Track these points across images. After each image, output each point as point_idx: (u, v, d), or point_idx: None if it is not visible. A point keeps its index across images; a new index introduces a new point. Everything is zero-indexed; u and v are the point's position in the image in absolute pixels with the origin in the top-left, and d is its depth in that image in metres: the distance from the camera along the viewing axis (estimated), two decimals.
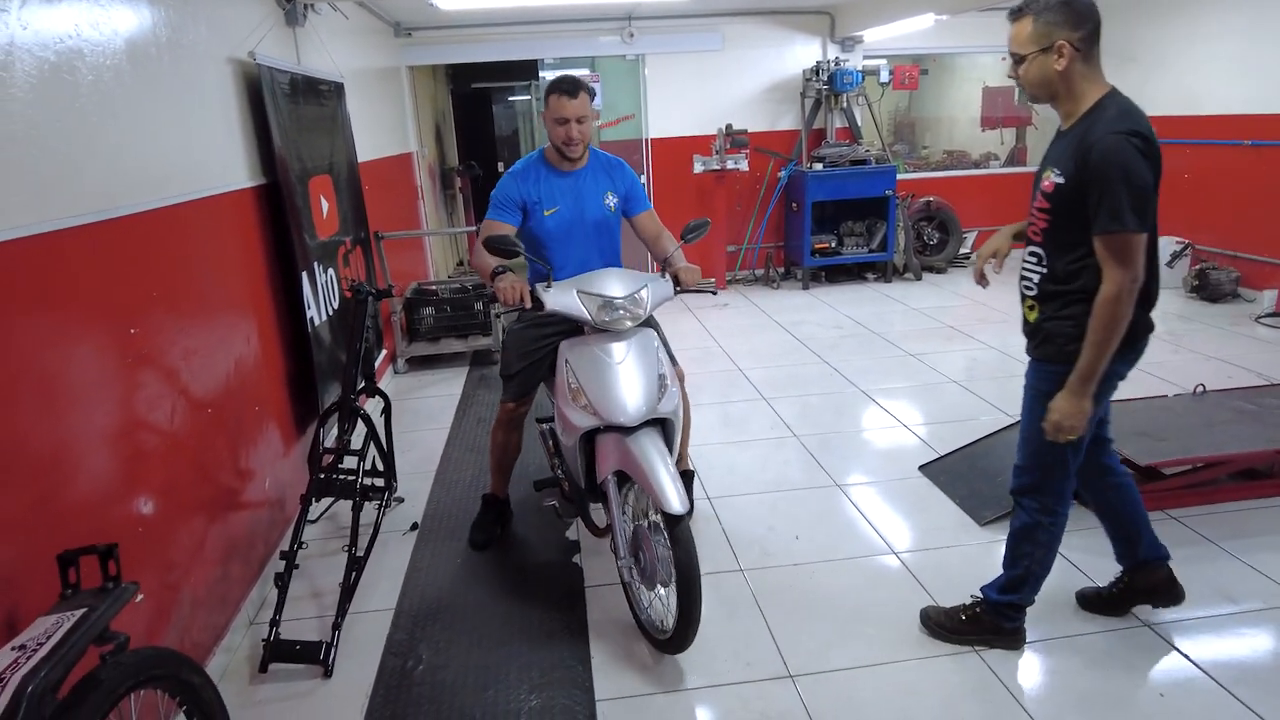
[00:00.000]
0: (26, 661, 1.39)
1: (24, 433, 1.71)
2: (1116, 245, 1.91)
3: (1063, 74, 1.99)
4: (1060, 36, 1.96)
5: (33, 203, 1.79)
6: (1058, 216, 2.03)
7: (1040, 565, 2.36)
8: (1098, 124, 1.95)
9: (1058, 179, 2.01)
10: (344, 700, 2.36)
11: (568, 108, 2.65)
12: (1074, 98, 2.03)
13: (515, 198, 2.77)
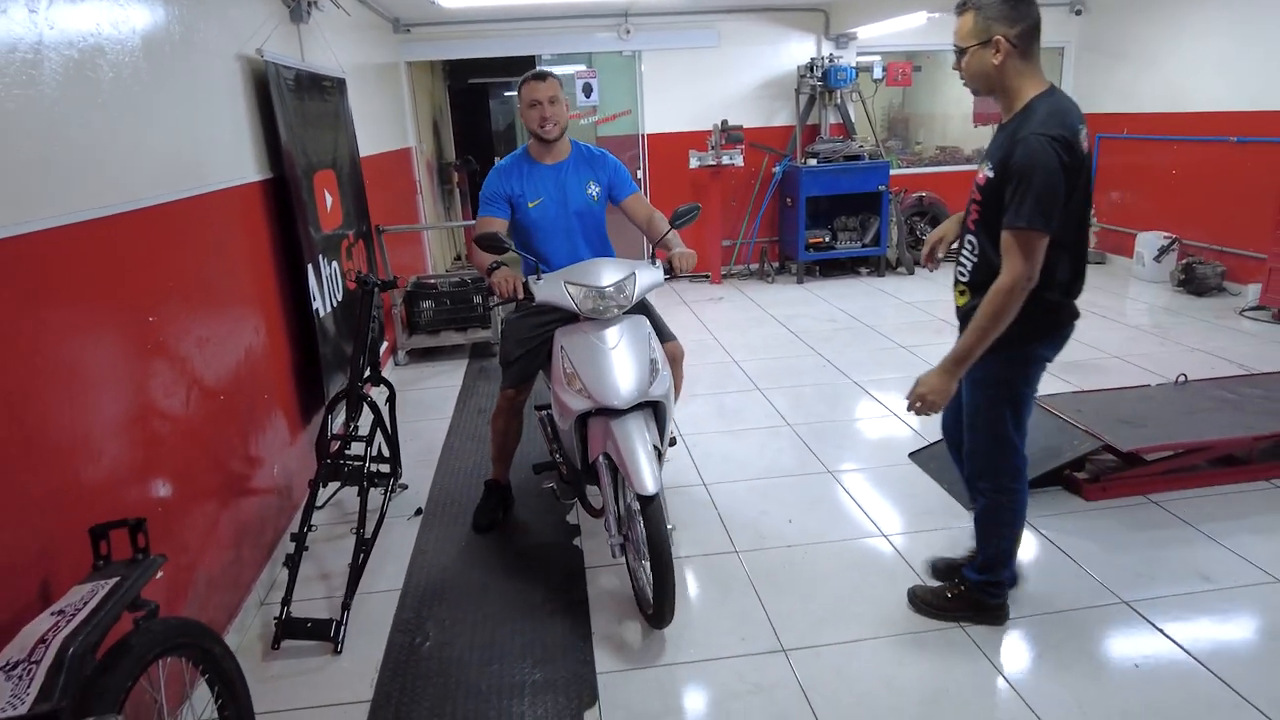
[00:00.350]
0: (66, 625, 1.48)
1: (55, 415, 1.79)
2: (1020, 241, 2.00)
3: (999, 68, 2.08)
4: (998, 32, 2.05)
5: (59, 195, 1.87)
6: (987, 209, 2.14)
7: (1009, 541, 2.48)
8: (1026, 123, 2.03)
9: (989, 173, 2.12)
10: (354, 675, 2.45)
11: (538, 90, 2.81)
12: (1010, 93, 2.11)
13: (502, 192, 2.89)
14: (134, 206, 2.18)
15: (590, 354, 2.50)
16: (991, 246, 2.14)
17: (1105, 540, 2.98)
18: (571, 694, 2.32)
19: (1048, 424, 3.57)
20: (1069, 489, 3.35)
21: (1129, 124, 7.10)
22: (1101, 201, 7.60)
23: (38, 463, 1.73)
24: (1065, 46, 7.67)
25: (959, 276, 2.30)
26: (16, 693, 1.37)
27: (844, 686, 2.30)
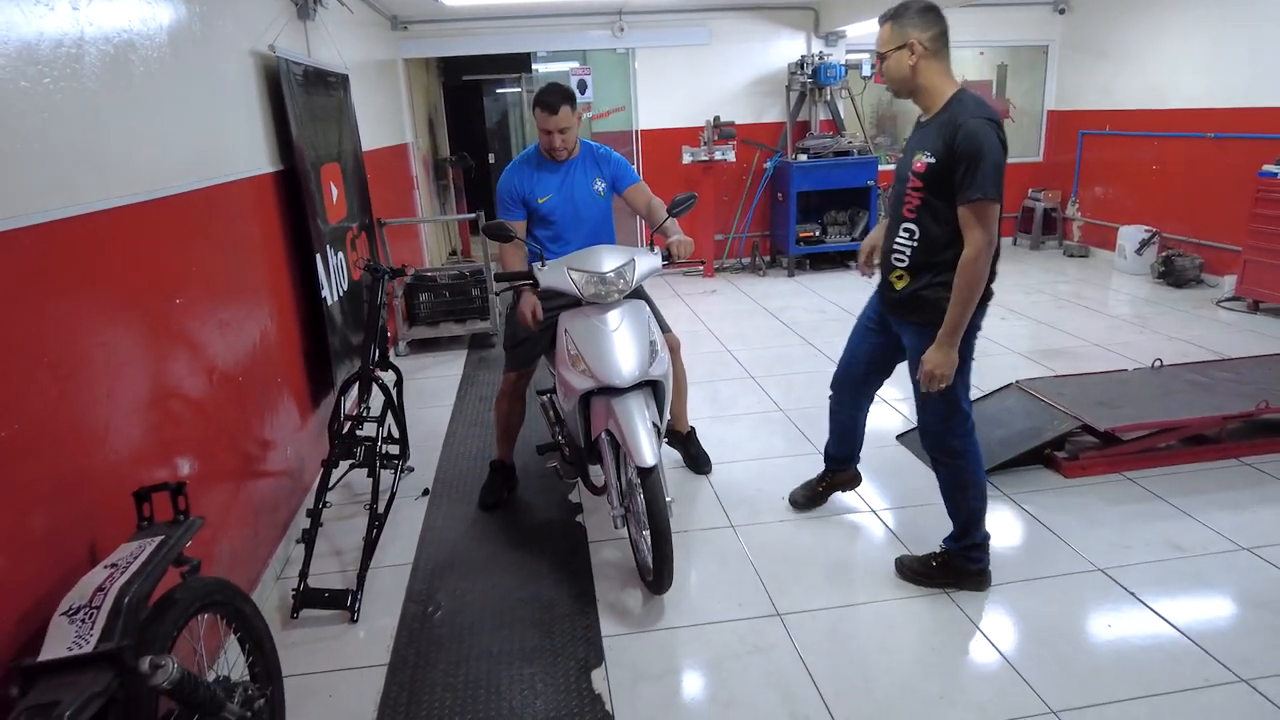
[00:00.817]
0: (121, 575, 1.60)
1: (95, 390, 1.90)
2: (980, 211, 2.23)
3: (915, 69, 2.34)
4: (912, 36, 2.32)
5: (97, 182, 1.98)
6: (931, 192, 2.34)
7: (976, 502, 2.64)
8: (961, 112, 2.27)
9: (929, 159, 2.32)
10: (371, 642, 2.57)
11: (549, 122, 2.93)
12: (929, 92, 2.36)
13: (515, 195, 3.04)
14: (163, 194, 2.30)
15: (593, 336, 2.63)
16: (936, 226, 2.37)
17: (1083, 514, 3.14)
18: (579, 656, 2.45)
19: (1029, 406, 3.73)
20: (1049, 467, 3.51)
21: (1111, 120, 7.28)
22: (1085, 196, 7.79)
23: (82, 433, 1.84)
24: (1049, 45, 7.85)
25: (895, 264, 2.50)
26: (81, 634, 1.49)
27: (837, 647, 2.45)
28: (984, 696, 2.22)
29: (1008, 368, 4.74)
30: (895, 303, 2.56)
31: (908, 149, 2.49)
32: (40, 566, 1.66)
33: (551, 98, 2.91)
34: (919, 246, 2.42)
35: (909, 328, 2.55)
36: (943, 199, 2.32)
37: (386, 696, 2.32)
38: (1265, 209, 5.46)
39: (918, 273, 2.44)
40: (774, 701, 2.24)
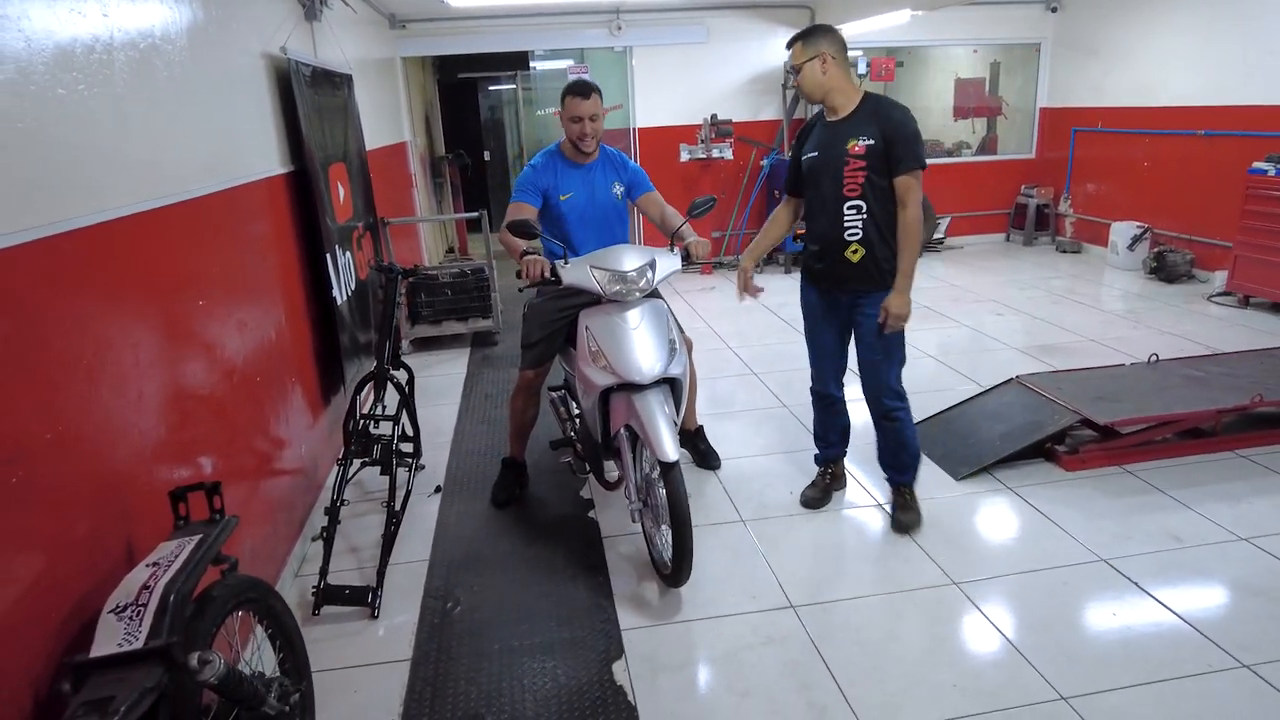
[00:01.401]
0: (164, 573, 1.64)
1: (127, 393, 1.93)
2: (916, 179, 2.76)
3: (827, 76, 2.77)
4: (822, 50, 2.75)
5: (127, 186, 2.01)
6: (874, 170, 2.77)
7: (916, 439, 3.16)
8: (881, 105, 2.79)
9: (867, 142, 2.75)
10: (392, 637, 2.61)
11: (581, 107, 2.97)
12: (841, 93, 2.80)
13: (537, 184, 3.06)
14: (186, 197, 2.32)
15: (614, 333, 2.68)
16: (876, 201, 2.80)
17: (1084, 507, 3.21)
18: (599, 648, 2.50)
19: (1029, 400, 3.80)
20: (1049, 460, 3.58)
21: (1103, 118, 7.38)
22: (1077, 192, 7.88)
23: (116, 434, 1.87)
24: (1041, 43, 7.94)
25: (850, 239, 2.86)
26: (129, 631, 1.53)
27: (850, 637, 2.51)
28: (995, 684, 2.29)
29: (1006, 363, 4.81)
30: (854, 275, 2.90)
31: (823, 143, 2.87)
32: (81, 566, 1.69)
33: (582, 85, 3.00)
34: (868, 219, 2.82)
35: (870, 296, 2.90)
36: (880, 175, 2.76)
37: (411, 691, 2.36)
38: (1255, 206, 5.56)
39: (869, 243, 2.84)
40: (790, 690, 2.29)
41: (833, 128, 2.85)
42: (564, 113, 3.02)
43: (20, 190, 1.58)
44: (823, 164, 2.86)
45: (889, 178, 2.76)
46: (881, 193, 2.78)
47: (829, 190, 2.85)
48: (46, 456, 1.59)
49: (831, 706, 2.23)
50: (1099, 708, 2.18)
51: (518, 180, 3.13)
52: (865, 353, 2.98)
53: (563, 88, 3.04)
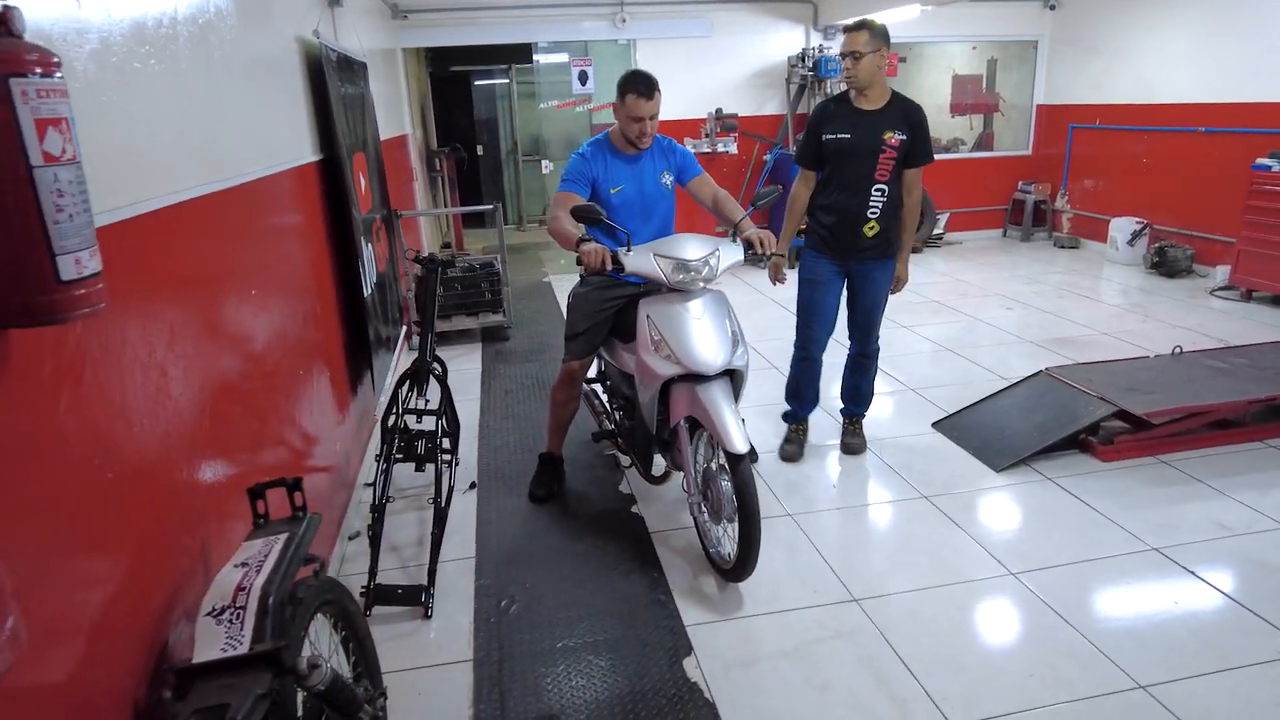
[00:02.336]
0: (257, 575, 1.56)
1: (190, 388, 1.84)
2: (923, 172, 3.30)
3: (880, 71, 3.14)
4: (882, 47, 3.11)
5: (186, 167, 1.91)
6: (899, 162, 3.22)
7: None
8: (907, 104, 3.23)
9: (901, 136, 3.18)
10: (449, 637, 2.54)
11: (644, 108, 2.88)
12: (882, 85, 3.21)
13: (586, 174, 2.97)
14: (240, 180, 2.23)
15: (678, 323, 2.63)
16: (893, 185, 3.25)
17: (1126, 496, 3.22)
18: (665, 645, 2.45)
19: (1060, 392, 3.81)
20: (1084, 451, 3.59)
21: (1101, 114, 7.46)
22: (1074, 189, 7.97)
23: (186, 431, 1.78)
24: (1039, 40, 8.01)
25: (870, 216, 3.29)
26: (232, 635, 1.45)
27: (919, 628, 2.48)
28: (1071, 673, 2.28)
29: (1026, 355, 4.84)
30: (869, 247, 3.34)
31: (854, 127, 3.21)
32: (162, 567, 1.61)
33: (645, 84, 2.87)
34: (887, 201, 3.27)
35: (878, 262, 3.38)
36: (900, 165, 3.23)
37: (478, 691, 2.29)
38: (1259, 201, 5.65)
39: (885, 220, 3.30)
40: (868, 683, 2.26)
41: (867, 116, 3.21)
42: (624, 110, 2.91)
43: (111, 166, 1.49)
44: (857, 147, 3.22)
45: (905, 167, 3.25)
46: (896, 179, 3.27)
47: (860, 171, 3.24)
48: (129, 452, 1.50)
49: (912, 700, 2.20)
50: (1177, 695, 2.18)
51: (566, 169, 3.03)
52: (868, 306, 3.47)
53: (620, 81, 2.92)
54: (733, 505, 2.55)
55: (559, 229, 2.81)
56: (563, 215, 2.82)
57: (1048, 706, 2.15)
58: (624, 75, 2.93)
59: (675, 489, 3.33)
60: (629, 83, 2.89)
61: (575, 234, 2.74)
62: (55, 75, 1.02)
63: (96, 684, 1.33)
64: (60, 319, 1.05)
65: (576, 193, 2.94)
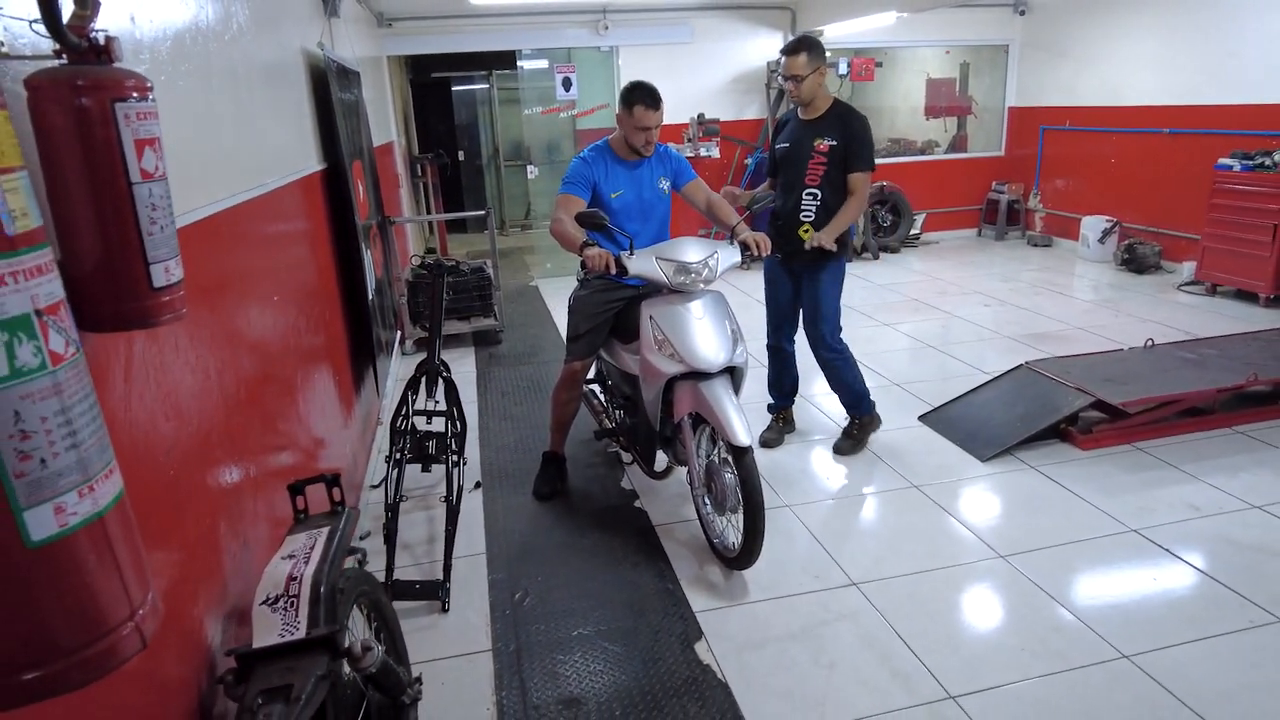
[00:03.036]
0: (306, 566, 1.65)
1: (227, 391, 1.92)
2: (866, 178, 3.39)
3: (821, 87, 3.34)
4: (820, 64, 3.28)
5: (225, 175, 1.99)
6: (832, 165, 3.35)
7: (859, 381, 3.72)
8: (848, 113, 3.37)
9: (831, 142, 3.33)
10: (468, 629, 2.63)
11: (651, 118, 2.99)
12: (821, 98, 3.38)
13: (588, 177, 3.08)
14: (261, 191, 2.31)
15: (680, 323, 2.74)
16: (829, 191, 3.38)
17: (1105, 482, 3.39)
18: (676, 631, 2.56)
19: (1041, 385, 3.98)
20: (1065, 440, 3.76)
21: (1070, 117, 7.70)
22: (1046, 188, 8.21)
23: (228, 431, 1.86)
24: (1010, 44, 8.25)
25: (804, 219, 3.44)
26: (287, 621, 1.54)
27: (917, 609, 2.61)
28: (1060, 646, 2.42)
29: (1005, 350, 5.01)
30: (803, 250, 3.43)
31: (796, 138, 3.42)
32: (211, 560, 1.68)
33: (652, 97, 2.98)
34: (820, 206, 3.40)
35: (815, 266, 3.47)
36: (836, 169, 3.34)
37: (499, 680, 2.38)
38: (1221, 200, 5.89)
39: (818, 225, 3.40)
40: (872, 661, 2.39)
41: (805, 125, 3.43)
42: (631, 120, 3.01)
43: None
44: (793, 155, 3.44)
45: (845, 173, 3.35)
46: (835, 185, 3.38)
47: (793, 176, 3.44)
48: (186, 450, 1.58)
49: (914, 674, 2.32)
50: (1161, 663, 2.33)
51: (567, 172, 3.13)
52: (811, 307, 3.60)
53: (626, 91, 3.02)
54: (736, 497, 2.67)
55: (562, 232, 2.91)
56: (565, 219, 2.93)
57: (1041, 677, 2.29)
58: (630, 86, 3.03)
59: (676, 484, 3.44)
60: (636, 94, 2.99)
61: (579, 238, 2.84)
62: (149, 98, 1.11)
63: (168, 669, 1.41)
64: (152, 323, 1.14)
65: (577, 195, 3.04)
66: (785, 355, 3.85)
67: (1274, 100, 5.88)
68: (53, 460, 0.71)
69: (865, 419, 3.78)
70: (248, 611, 1.81)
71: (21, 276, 0.69)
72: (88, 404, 0.77)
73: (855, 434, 3.76)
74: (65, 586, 0.72)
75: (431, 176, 8.86)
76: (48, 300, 0.72)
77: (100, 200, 1.06)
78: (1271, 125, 5.88)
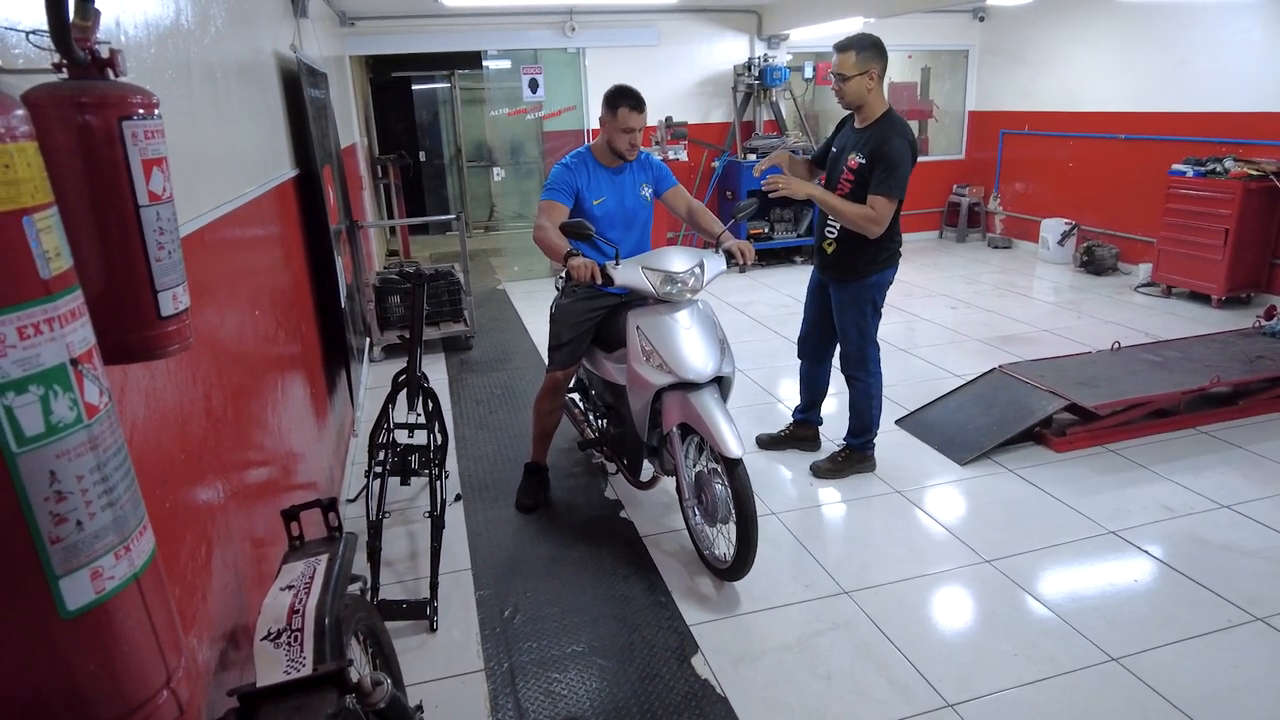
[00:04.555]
0: (307, 597, 1.58)
1: (215, 413, 1.84)
2: (885, 203, 3.06)
3: (870, 93, 3.07)
4: (871, 68, 3.02)
5: (209, 187, 1.91)
6: (858, 186, 3.12)
7: (877, 411, 3.52)
8: (890, 129, 3.06)
9: (860, 160, 3.10)
10: (457, 649, 2.56)
11: (635, 120, 2.97)
12: (871, 107, 3.11)
13: (570, 183, 3.04)
14: (242, 201, 2.22)
15: (668, 333, 2.71)
16: None
17: (1081, 484, 3.46)
18: (672, 645, 2.53)
19: (1015, 389, 4.05)
20: (1039, 443, 3.83)
21: (1030, 121, 7.87)
22: (1006, 191, 8.38)
23: (217, 453, 1.78)
24: (970, 49, 8.40)
25: (828, 235, 3.31)
26: (292, 657, 1.47)
27: (908, 616, 2.63)
28: (1051, 651, 2.45)
29: (975, 353, 5.10)
30: (828, 264, 3.36)
31: (842, 145, 3.23)
32: (204, 590, 1.61)
33: (635, 99, 2.97)
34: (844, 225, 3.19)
35: (835, 283, 3.36)
36: (861, 191, 3.11)
37: (495, 702, 2.33)
38: (1176, 204, 6.07)
39: (843, 241, 3.25)
40: (869, 671, 2.39)
41: (854, 134, 3.22)
42: (614, 122, 2.99)
43: None
44: (834, 163, 3.28)
45: (865, 192, 3.09)
46: (859, 202, 3.11)
47: (829, 186, 3.26)
48: (179, 480, 1.51)
49: (912, 683, 2.33)
50: (1148, 664, 2.37)
51: (550, 179, 3.08)
52: (836, 328, 3.49)
53: (610, 95, 3.00)
54: (728, 508, 2.65)
55: (546, 240, 2.87)
56: (549, 226, 2.89)
57: (1035, 683, 2.32)
58: (613, 89, 3.01)
59: (661, 493, 3.41)
60: (620, 97, 2.97)
61: (563, 247, 2.80)
62: (156, 115, 1.04)
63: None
64: (159, 354, 1.07)
65: (560, 201, 3.00)
66: (805, 369, 3.74)
67: (1223, 109, 6.08)
68: (89, 522, 0.65)
69: (857, 454, 3.58)
70: (240, 643, 1.74)
71: (58, 324, 0.63)
72: (120, 457, 0.71)
73: (840, 461, 3.57)
74: (101, 656, 0.67)
75: (395, 178, 8.70)
76: (82, 347, 0.66)
77: (106, 225, 1.00)
78: (1222, 133, 6.08)
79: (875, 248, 3.20)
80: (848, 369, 3.48)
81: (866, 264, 3.25)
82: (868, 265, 3.25)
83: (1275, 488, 3.36)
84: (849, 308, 3.36)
